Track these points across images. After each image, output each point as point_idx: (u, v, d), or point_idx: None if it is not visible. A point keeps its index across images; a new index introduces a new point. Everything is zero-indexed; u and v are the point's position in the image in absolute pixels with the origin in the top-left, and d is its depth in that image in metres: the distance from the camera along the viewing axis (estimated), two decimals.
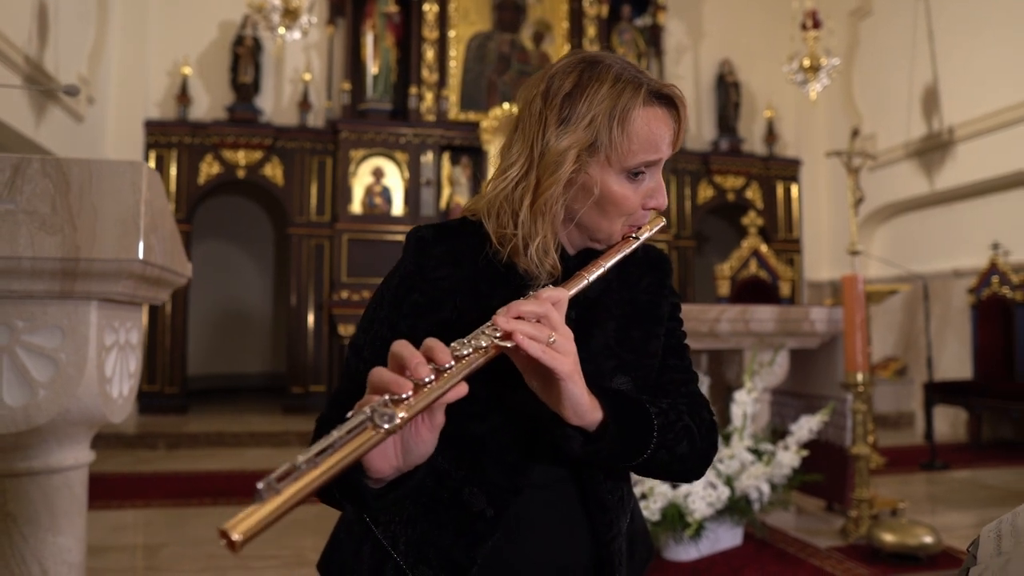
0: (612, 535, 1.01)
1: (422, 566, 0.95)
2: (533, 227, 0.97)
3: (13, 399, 1.57)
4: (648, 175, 1.00)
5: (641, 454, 0.94)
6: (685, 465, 1.00)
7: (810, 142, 8.56)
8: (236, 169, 7.16)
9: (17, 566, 1.64)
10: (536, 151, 0.97)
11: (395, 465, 0.83)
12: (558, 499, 0.99)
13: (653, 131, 0.97)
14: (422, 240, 1.02)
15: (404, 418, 0.74)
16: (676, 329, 1.10)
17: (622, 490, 1.04)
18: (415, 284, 1.00)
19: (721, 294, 6.75)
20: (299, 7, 5.76)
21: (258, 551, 3.18)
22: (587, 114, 0.94)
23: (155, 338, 6.91)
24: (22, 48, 5.08)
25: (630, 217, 1.01)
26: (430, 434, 0.82)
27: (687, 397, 1.05)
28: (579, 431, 0.90)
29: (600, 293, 1.04)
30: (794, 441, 3.34)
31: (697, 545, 3.06)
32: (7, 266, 1.51)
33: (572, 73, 0.97)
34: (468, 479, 0.96)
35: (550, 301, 0.86)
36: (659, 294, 1.08)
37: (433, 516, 0.96)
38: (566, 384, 0.84)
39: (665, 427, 0.96)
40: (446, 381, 0.77)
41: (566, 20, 7.86)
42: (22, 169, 1.51)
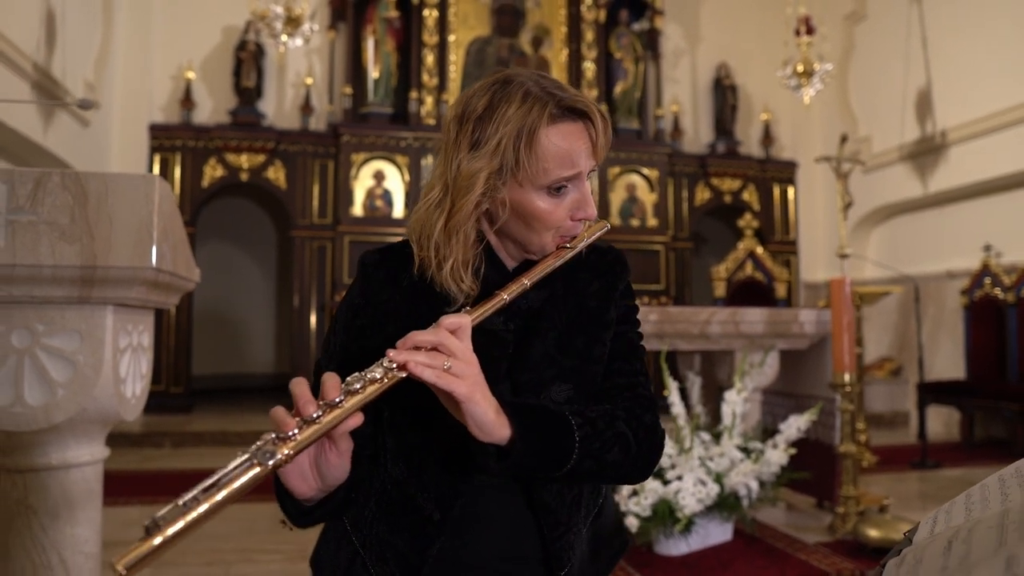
0: (559, 533, 1.04)
1: (382, 564, 1.02)
2: (447, 248, 0.99)
3: (34, 399, 1.67)
4: (571, 188, 1.01)
5: (563, 465, 0.95)
6: (620, 471, 1.01)
7: (806, 145, 8.65)
8: (239, 172, 7.27)
9: (38, 556, 1.74)
10: (450, 174, 0.99)
11: (315, 487, 0.91)
12: (507, 499, 1.04)
13: (563, 147, 0.97)
14: (365, 267, 1.09)
15: (288, 454, 0.80)
16: (627, 332, 1.11)
17: (578, 490, 1.07)
18: (360, 310, 1.06)
19: (717, 295, 6.85)
20: (301, 15, 5.87)
21: (262, 545, 3.29)
22: (495, 136, 0.96)
23: (160, 339, 7.01)
24: (30, 55, 5.19)
25: (559, 229, 1.02)
26: (339, 459, 0.90)
27: (630, 400, 1.05)
28: (493, 447, 0.92)
29: (543, 303, 1.06)
30: (783, 440, 3.44)
31: (687, 540, 3.16)
32: (30, 273, 1.61)
33: (485, 95, 0.99)
34: (418, 485, 1.02)
35: (447, 328, 0.89)
36: (608, 299, 1.09)
37: (391, 519, 1.03)
38: (466, 406, 0.87)
39: (590, 437, 0.96)
40: (339, 414, 0.83)
41: (564, 25, 7.96)
42: (43, 182, 1.61)
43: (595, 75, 7.92)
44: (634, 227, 7.92)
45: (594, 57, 7.92)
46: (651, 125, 8.23)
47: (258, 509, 3.81)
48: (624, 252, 1.22)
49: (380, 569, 1.03)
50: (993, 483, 0.85)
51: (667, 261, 8.03)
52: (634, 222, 7.94)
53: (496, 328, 1.03)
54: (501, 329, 1.03)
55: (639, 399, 1.06)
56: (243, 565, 3.07)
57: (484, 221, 1.04)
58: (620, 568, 3.05)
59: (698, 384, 3.79)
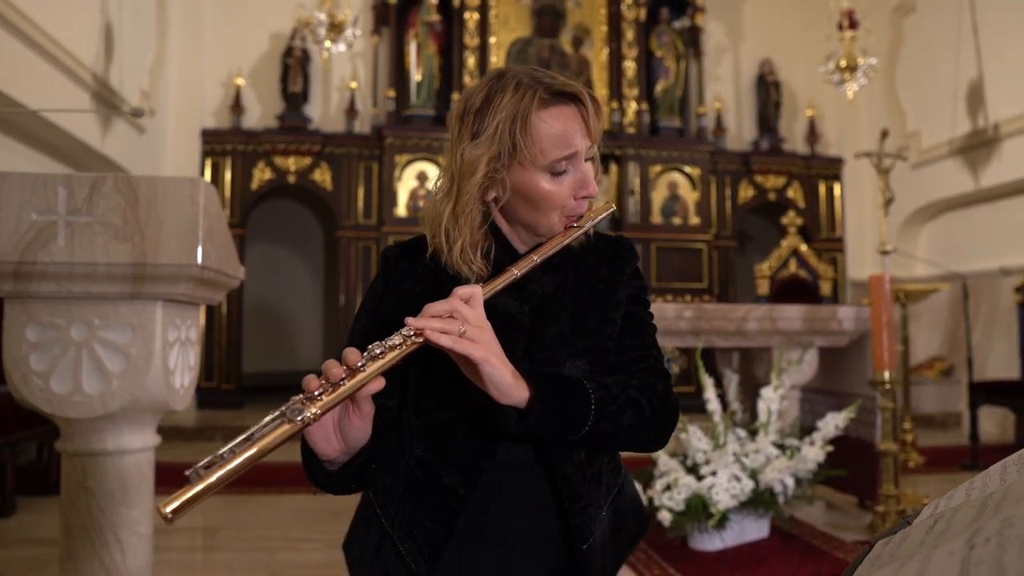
0: (579, 506, 1.08)
1: (409, 541, 1.08)
2: (455, 231, 1.06)
3: (91, 388, 1.79)
4: (571, 168, 1.06)
5: (581, 427, 1.00)
6: (635, 435, 1.05)
7: (853, 141, 8.50)
8: (287, 175, 7.47)
9: (96, 535, 1.86)
10: (455, 165, 1.06)
11: (338, 448, 0.98)
12: (529, 476, 1.10)
13: (557, 129, 1.03)
14: (387, 259, 1.16)
15: (315, 413, 0.86)
16: (636, 312, 1.15)
17: (598, 466, 1.13)
18: (383, 299, 1.14)
19: (760, 293, 6.79)
20: (344, 21, 6.01)
21: (305, 534, 3.41)
22: (492, 124, 1.03)
23: (212, 336, 7.25)
24: (90, 66, 5.44)
25: (564, 209, 1.07)
26: (361, 422, 0.96)
27: (642, 372, 1.10)
28: (513, 409, 0.97)
29: (556, 287, 1.11)
30: (820, 437, 3.42)
31: (722, 535, 3.17)
32: (86, 271, 1.73)
33: (483, 90, 1.06)
34: (442, 463, 1.08)
35: (460, 298, 0.94)
36: (616, 281, 1.14)
37: (417, 498, 1.09)
38: (483, 368, 0.92)
39: (605, 400, 1.01)
40: (362, 378, 0.90)
41: (605, 24, 7.97)
42: (98, 186, 1.73)
43: (636, 74, 7.91)
44: (676, 225, 7.89)
45: (635, 56, 7.91)
46: (693, 123, 8.19)
47: (302, 501, 3.95)
48: (666, 251, 1.28)
49: (408, 546, 1.08)
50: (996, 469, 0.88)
51: (710, 260, 7.98)
52: (676, 220, 7.91)
53: (511, 311, 1.09)
54: (516, 312, 1.09)
55: (651, 370, 1.12)
56: (286, 552, 3.19)
57: (494, 208, 1.09)
58: (654, 562, 3.08)
59: (735, 381, 3.79)
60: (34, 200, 1.72)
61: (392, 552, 1.10)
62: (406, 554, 1.09)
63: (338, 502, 1.02)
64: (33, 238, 1.71)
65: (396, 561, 1.10)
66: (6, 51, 4.34)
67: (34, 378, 1.79)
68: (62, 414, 1.79)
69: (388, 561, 1.10)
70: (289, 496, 4.06)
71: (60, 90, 5.01)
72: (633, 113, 7.90)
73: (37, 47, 4.68)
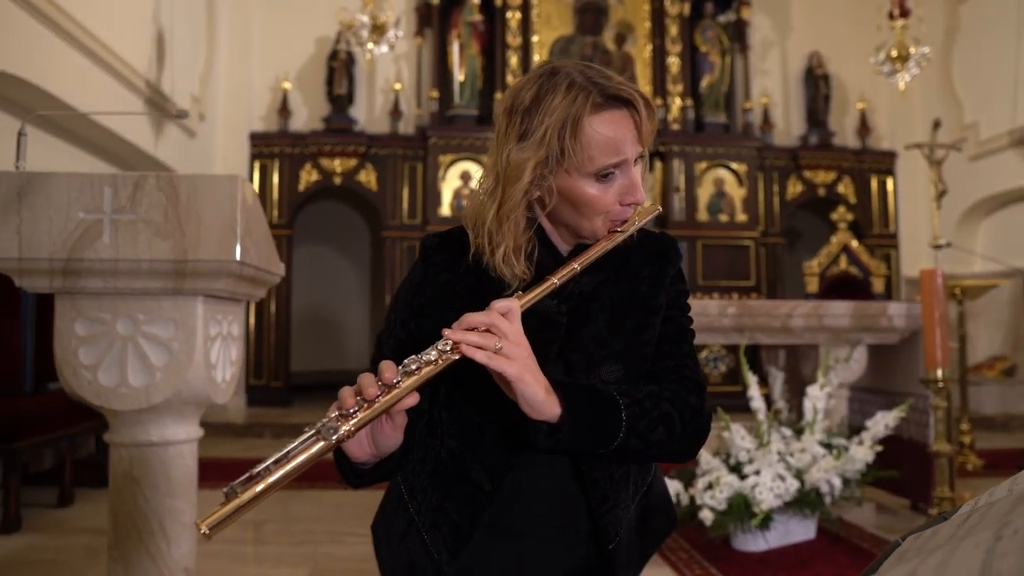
0: (606, 508, 1.08)
1: (434, 531, 1.09)
2: (499, 235, 1.04)
3: (136, 380, 1.85)
4: (619, 174, 1.03)
5: (610, 443, 1.00)
6: (664, 451, 1.05)
7: (906, 133, 8.24)
8: (333, 176, 7.59)
9: (142, 523, 1.91)
10: (501, 165, 1.04)
11: (370, 453, 0.99)
12: (557, 474, 1.09)
13: (608, 135, 1.00)
14: (426, 249, 1.15)
15: (349, 430, 0.88)
16: (676, 317, 1.14)
17: (627, 468, 1.12)
18: (420, 289, 1.13)
19: (809, 291, 6.64)
20: (386, 22, 6.08)
21: (350, 528, 3.46)
22: (541, 127, 0.99)
23: (261, 335, 7.41)
24: (143, 73, 5.61)
25: (609, 214, 1.05)
26: (394, 431, 0.97)
27: (677, 383, 1.08)
28: (544, 424, 0.97)
29: (596, 287, 1.09)
30: (868, 437, 3.33)
31: (766, 536, 3.11)
32: (130, 267, 1.78)
33: (533, 87, 1.03)
34: (472, 458, 1.08)
35: (498, 312, 0.94)
36: (658, 284, 1.12)
37: (444, 488, 1.09)
38: (516, 385, 0.92)
39: (637, 416, 1.00)
40: (396, 394, 0.90)
41: (648, 20, 7.90)
42: (141, 184, 1.79)
43: (680, 70, 7.82)
44: (722, 222, 7.78)
45: (679, 52, 7.82)
46: (739, 118, 8.06)
47: (346, 496, 4.00)
48: (712, 248, 1.25)
49: (433, 535, 1.09)
50: None
51: (757, 257, 7.84)
52: (722, 217, 7.80)
53: (549, 311, 1.07)
54: (554, 312, 1.07)
55: (686, 381, 1.10)
56: (331, 546, 3.24)
57: (537, 208, 1.08)
58: (696, 562, 3.04)
59: (781, 379, 3.72)
60: (81, 199, 1.78)
61: (417, 540, 1.11)
62: (430, 543, 1.09)
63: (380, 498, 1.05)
64: (80, 236, 1.77)
65: (421, 549, 1.10)
66: (64, 60, 4.51)
67: (83, 371, 1.85)
68: (109, 406, 1.85)
69: (413, 548, 1.11)
70: (333, 492, 4.12)
71: (115, 96, 5.18)
72: (678, 110, 7.82)
73: (94, 56, 4.85)
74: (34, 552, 3.15)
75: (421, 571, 1.10)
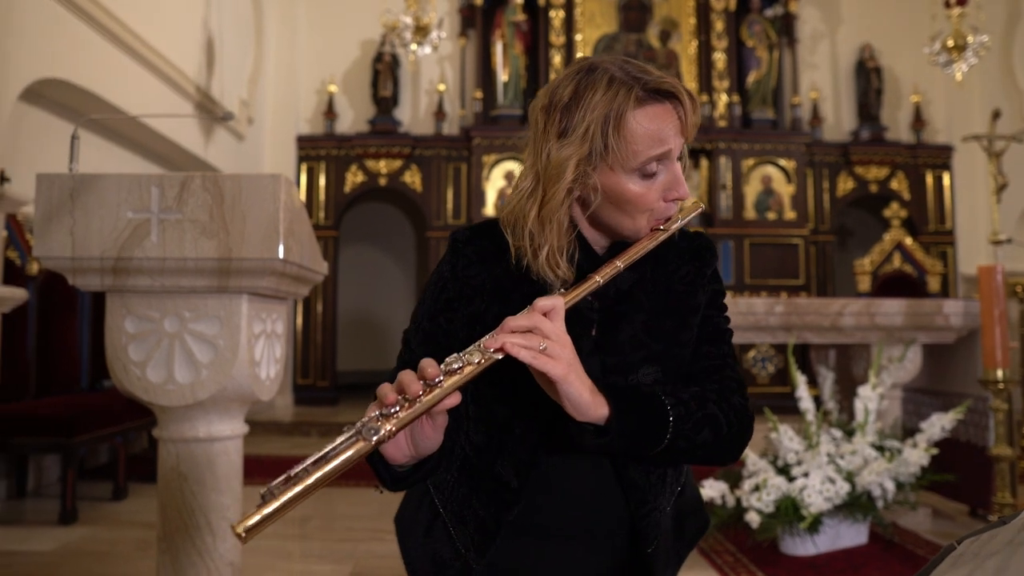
0: (646, 511, 1.06)
1: (461, 526, 1.08)
2: (541, 236, 1.02)
3: (183, 377, 1.88)
4: (662, 169, 1.01)
5: (657, 444, 0.98)
6: (709, 452, 1.03)
7: (964, 126, 7.97)
8: (378, 177, 7.67)
9: (188, 517, 1.95)
10: (541, 164, 1.01)
11: (408, 455, 0.96)
12: (593, 476, 1.07)
13: (652, 129, 0.98)
14: (456, 242, 1.13)
15: (390, 430, 0.85)
16: (714, 316, 1.11)
17: (662, 469, 1.09)
18: (448, 283, 1.11)
19: (861, 290, 6.48)
20: (429, 24, 6.12)
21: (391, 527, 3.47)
22: (582, 123, 0.97)
23: (308, 335, 7.52)
24: (193, 78, 5.74)
25: (653, 212, 1.03)
26: (434, 432, 0.94)
27: (719, 383, 1.06)
28: (590, 426, 0.95)
29: (632, 285, 1.07)
30: (923, 439, 3.22)
31: (815, 540, 3.03)
32: (177, 266, 1.82)
33: (571, 83, 1.00)
34: (498, 453, 1.06)
35: (541, 311, 0.92)
36: (696, 284, 1.10)
37: (471, 483, 1.08)
38: (562, 386, 0.90)
39: (683, 417, 0.98)
40: (439, 394, 0.88)
41: (693, 16, 7.80)
42: (187, 184, 1.82)
43: (726, 66, 7.70)
44: (770, 220, 7.63)
45: (724, 47, 7.70)
46: (787, 114, 7.90)
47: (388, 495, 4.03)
48: (760, 247, 1.22)
49: (459, 531, 1.08)
50: None
51: (806, 255, 7.67)
52: (770, 215, 7.65)
53: (580, 306, 1.04)
54: (585, 307, 1.05)
55: (727, 381, 1.07)
56: (372, 543, 3.27)
57: (576, 207, 1.05)
58: (742, 565, 2.98)
59: (831, 379, 3.62)
60: (130, 199, 1.82)
61: (443, 534, 1.10)
62: (457, 538, 1.08)
63: None
64: (129, 235, 1.81)
65: (447, 543, 1.09)
66: (117, 65, 4.64)
67: (132, 368, 1.89)
68: (157, 402, 1.89)
69: (439, 542, 1.10)
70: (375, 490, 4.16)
71: (166, 101, 5.31)
72: (724, 106, 7.70)
73: (146, 62, 4.98)
74: (90, 543, 3.24)
75: (446, 565, 1.09)
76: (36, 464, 4.16)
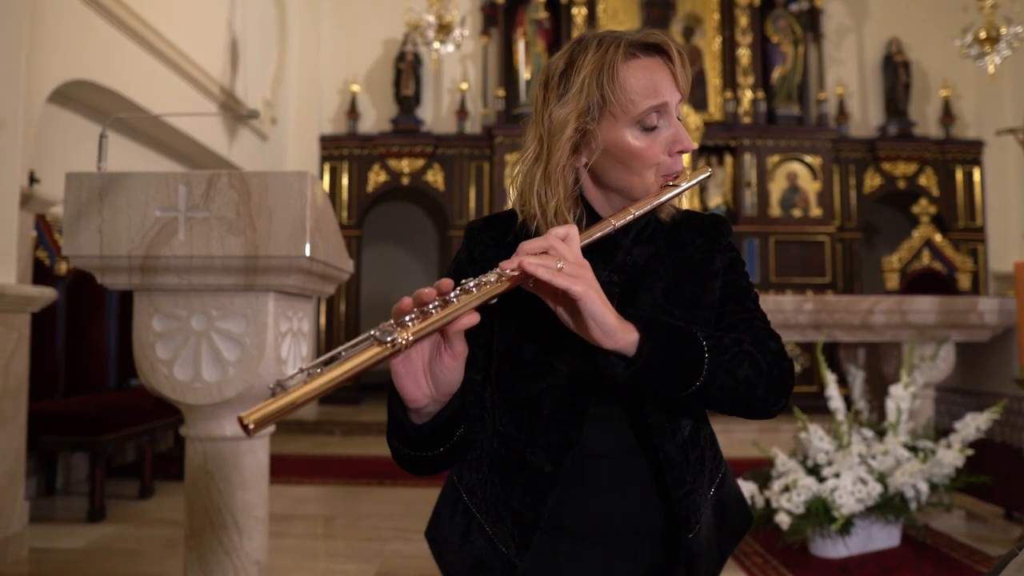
0: (684, 491, 1.02)
1: (499, 524, 1.04)
2: (546, 194, 1.02)
3: (210, 375, 1.88)
4: (663, 123, 1.02)
5: (696, 376, 0.92)
6: (753, 391, 0.97)
7: (996, 121, 7.81)
8: (401, 177, 7.68)
9: (215, 516, 1.95)
10: (543, 128, 1.02)
11: (427, 393, 0.91)
12: (627, 463, 1.04)
13: (644, 79, 1.00)
14: (472, 230, 1.13)
15: (407, 339, 0.80)
16: (734, 280, 1.09)
17: (701, 449, 1.06)
18: (465, 269, 1.09)
19: (889, 287, 6.37)
20: (451, 22, 6.11)
21: (417, 526, 3.46)
22: (577, 80, 0.99)
23: (331, 334, 7.55)
24: (217, 79, 5.78)
25: (659, 167, 1.02)
26: (453, 361, 0.90)
27: (750, 332, 1.03)
28: (619, 356, 0.90)
29: (648, 259, 1.06)
30: (958, 439, 3.15)
31: (846, 542, 2.98)
32: (204, 264, 1.82)
33: (564, 55, 1.04)
34: (528, 440, 1.02)
35: (556, 236, 0.89)
36: (712, 252, 1.08)
37: (503, 477, 1.04)
38: (584, 304, 0.86)
39: (718, 348, 0.94)
40: (455, 308, 0.84)
41: (716, 12, 7.72)
42: (214, 182, 1.82)
43: (751, 61, 7.62)
44: (796, 218, 7.54)
45: (749, 43, 7.62)
46: (813, 110, 7.80)
47: (414, 494, 4.02)
48: (785, 244, 1.19)
49: (497, 529, 1.04)
50: None
51: (833, 253, 7.57)
52: (796, 212, 7.56)
53: (600, 279, 1.00)
54: (605, 281, 1.03)
55: (759, 330, 1.04)
56: (398, 543, 3.26)
57: (585, 175, 1.05)
58: (772, 567, 2.93)
59: (861, 378, 3.56)
60: (157, 197, 1.82)
61: (481, 536, 1.07)
62: (495, 538, 1.05)
63: None
64: (157, 233, 1.81)
65: (486, 545, 1.06)
66: (143, 66, 4.68)
67: (160, 366, 1.89)
68: (185, 401, 1.89)
69: (477, 545, 1.07)
70: (402, 489, 4.15)
71: (191, 102, 5.35)
72: (748, 102, 7.62)
73: (171, 63, 5.02)
74: (118, 541, 3.26)
75: (488, 567, 1.06)
76: (64, 462, 4.20)
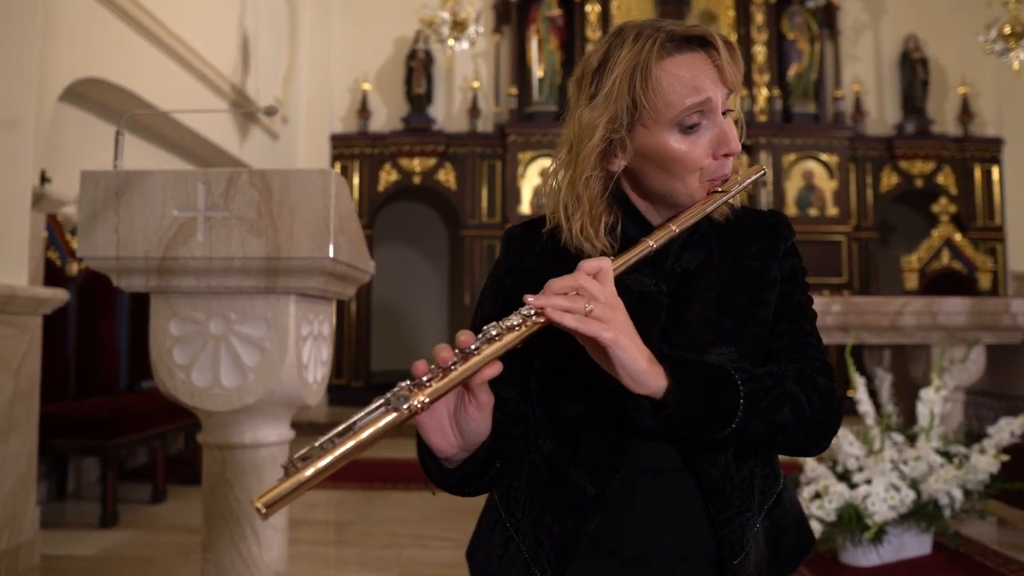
0: (728, 515, 0.95)
1: (536, 548, 0.98)
2: (573, 203, 0.96)
3: (229, 381, 1.81)
4: (705, 123, 0.93)
5: (729, 422, 0.87)
6: (791, 437, 0.92)
7: (1016, 118, 7.71)
8: (412, 176, 7.62)
9: (234, 526, 1.88)
10: (573, 132, 0.96)
11: (455, 443, 0.88)
12: (672, 483, 0.97)
13: (683, 76, 0.91)
14: (510, 238, 1.07)
15: (424, 401, 0.78)
16: (793, 293, 1.01)
17: (749, 469, 0.99)
18: (504, 279, 1.05)
19: (908, 288, 6.27)
20: (466, 18, 6.04)
21: (434, 532, 3.40)
22: (610, 81, 0.92)
23: (342, 335, 7.50)
24: (229, 78, 5.73)
25: (703, 172, 0.94)
26: (479, 412, 0.85)
27: (800, 363, 0.96)
28: (647, 399, 0.85)
29: (700, 263, 0.99)
30: (992, 444, 3.07)
31: (878, 550, 2.90)
32: (224, 265, 1.75)
33: (602, 48, 0.95)
34: (571, 460, 0.96)
35: (586, 272, 0.84)
36: (770, 258, 1.00)
37: (543, 497, 0.98)
38: (612, 351, 0.82)
39: (757, 393, 0.88)
40: (475, 362, 0.80)
41: (732, 8, 7.64)
42: (234, 181, 1.75)
43: (766, 59, 7.54)
44: (812, 217, 7.45)
45: (765, 40, 7.53)
46: (829, 108, 7.71)
47: (431, 499, 3.95)
48: (801, 244, 1.10)
49: (534, 553, 0.98)
50: None
51: (849, 252, 7.48)
52: (812, 211, 7.47)
53: (647, 289, 0.97)
54: (652, 290, 0.97)
55: (811, 361, 0.96)
56: (415, 550, 3.19)
57: (625, 181, 0.99)
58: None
59: (888, 381, 3.47)
60: (176, 197, 1.75)
61: (517, 558, 1.00)
62: (531, 562, 0.98)
63: (468, 501, 0.97)
64: (175, 233, 1.74)
65: (522, 569, 0.99)
66: (156, 65, 4.62)
67: (177, 371, 1.83)
68: (203, 407, 1.82)
69: (513, 568, 1.00)
70: (419, 493, 4.09)
71: (203, 100, 5.30)
72: (764, 100, 7.53)
73: (183, 61, 4.97)
74: (131, 548, 3.21)
75: None
76: (75, 465, 4.15)
